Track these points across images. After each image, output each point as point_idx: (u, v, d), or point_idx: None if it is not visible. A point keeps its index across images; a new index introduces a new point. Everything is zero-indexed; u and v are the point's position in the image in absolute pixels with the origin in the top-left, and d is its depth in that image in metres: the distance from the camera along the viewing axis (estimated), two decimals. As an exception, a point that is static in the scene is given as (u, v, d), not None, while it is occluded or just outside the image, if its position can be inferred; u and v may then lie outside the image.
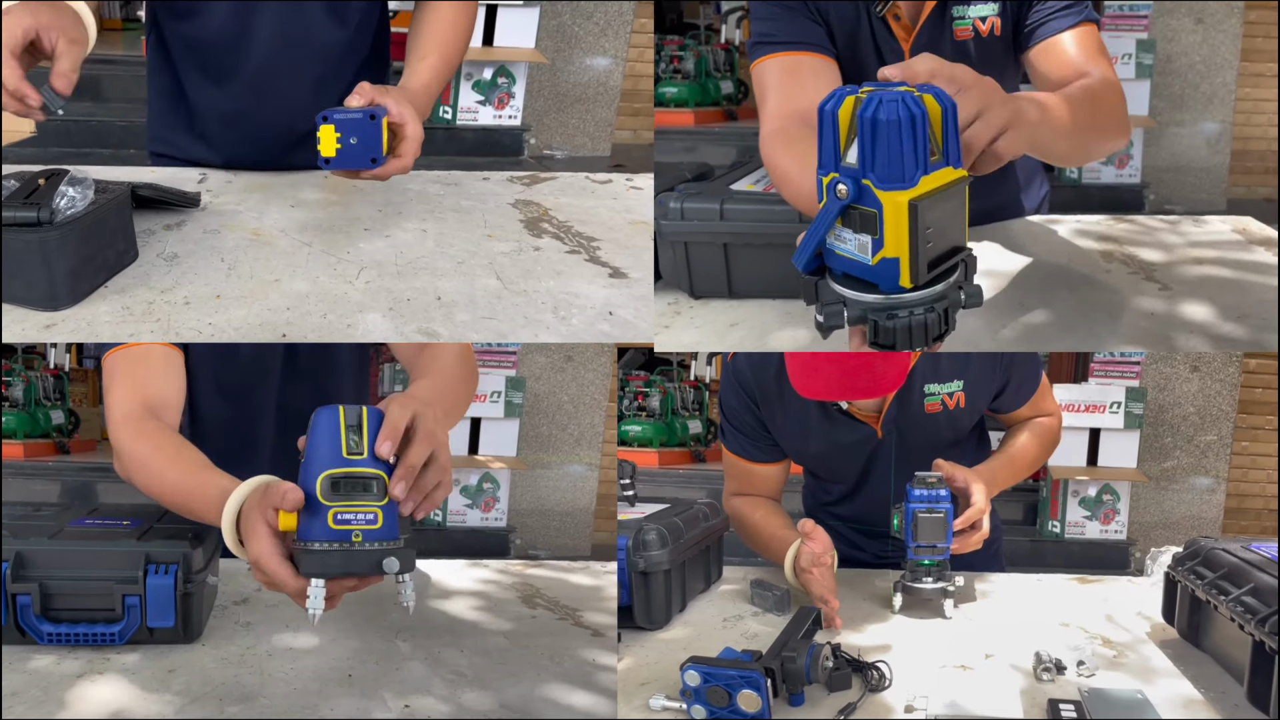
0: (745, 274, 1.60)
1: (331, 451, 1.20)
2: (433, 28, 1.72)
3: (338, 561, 1.19)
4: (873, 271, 1.01)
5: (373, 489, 1.19)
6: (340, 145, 1.46)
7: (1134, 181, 4.20)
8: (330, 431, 1.20)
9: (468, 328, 1.41)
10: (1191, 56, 4.07)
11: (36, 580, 1.41)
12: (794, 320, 1.55)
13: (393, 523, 1.20)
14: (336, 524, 1.18)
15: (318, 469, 1.20)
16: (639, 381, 4.61)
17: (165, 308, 1.40)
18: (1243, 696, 1.32)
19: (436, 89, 1.67)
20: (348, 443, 1.20)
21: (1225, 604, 1.36)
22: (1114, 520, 4.22)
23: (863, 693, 1.34)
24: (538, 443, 4.45)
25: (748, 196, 1.61)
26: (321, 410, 1.22)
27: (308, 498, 1.19)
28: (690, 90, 4.47)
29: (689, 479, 4.48)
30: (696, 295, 1.64)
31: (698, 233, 1.59)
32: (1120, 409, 4.16)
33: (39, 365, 4.55)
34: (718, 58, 4.58)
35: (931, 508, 1.64)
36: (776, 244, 1.52)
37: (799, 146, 1.42)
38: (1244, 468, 4.21)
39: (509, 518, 4.42)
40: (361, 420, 1.21)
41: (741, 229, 1.58)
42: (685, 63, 4.49)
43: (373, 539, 1.19)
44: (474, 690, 1.34)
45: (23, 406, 4.47)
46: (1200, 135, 4.12)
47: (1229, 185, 4.12)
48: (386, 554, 1.19)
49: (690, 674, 1.28)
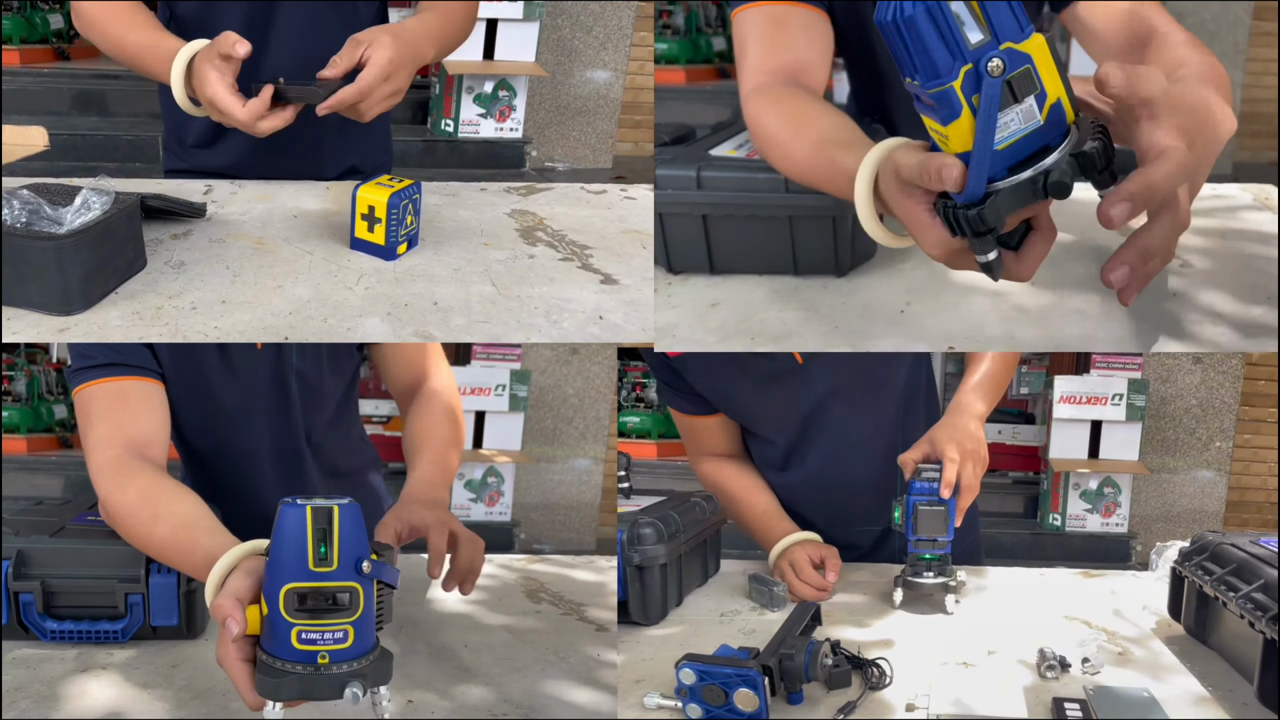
0: (727, 248, 1.49)
1: (296, 561, 1.06)
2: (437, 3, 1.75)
3: (294, 686, 1.07)
4: (1043, 131, 0.94)
5: (344, 604, 1.08)
6: None
7: None
8: (295, 536, 1.07)
9: (463, 331, 1.44)
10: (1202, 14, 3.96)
11: (38, 578, 1.42)
12: (781, 298, 1.48)
13: (366, 635, 1.10)
14: (301, 643, 1.07)
15: (280, 580, 1.07)
16: (637, 373, 4.61)
17: (173, 312, 1.42)
18: (1252, 695, 1.31)
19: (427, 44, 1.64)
20: (315, 552, 1.07)
21: (1234, 600, 1.34)
22: (1115, 513, 4.22)
23: (863, 691, 1.32)
24: (542, 436, 4.46)
25: (728, 163, 1.48)
26: (286, 508, 1.08)
27: (270, 609, 1.08)
28: (681, 47, 4.37)
29: (687, 471, 4.48)
30: (674, 270, 1.55)
31: (673, 202, 1.47)
32: (1122, 401, 4.16)
33: (41, 359, 4.56)
34: (709, 12, 4.50)
35: (932, 500, 1.63)
36: (760, 215, 1.43)
37: (787, 104, 1.32)
38: (1246, 460, 4.20)
39: (513, 512, 4.43)
40: (332, 522, 1.07)
41: (721, 199, 1.45)
42: (676, 18, 4.39)
43: (341, 659, 1.08)
44: (477, 686, 1.35)
45: (25, 401, 4.48)
46: None
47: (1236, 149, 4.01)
48: (354, 676, 1.08)
49: (685, 672, 1.25)
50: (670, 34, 4.38)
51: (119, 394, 1.51)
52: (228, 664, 1.11)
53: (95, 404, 1.50)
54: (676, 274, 1.56)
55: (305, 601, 1.07)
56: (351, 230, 1.56)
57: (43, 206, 1.39)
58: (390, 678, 1.13)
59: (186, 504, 1.36)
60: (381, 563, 1.10)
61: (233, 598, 1.10)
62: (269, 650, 1.10)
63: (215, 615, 1.11)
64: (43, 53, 4.34)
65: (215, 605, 1.11)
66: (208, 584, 1.17)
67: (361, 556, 1.08)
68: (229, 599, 1.10)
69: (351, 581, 1.08)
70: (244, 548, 1.19)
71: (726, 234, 1.47)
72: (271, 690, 1.08)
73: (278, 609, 1.07)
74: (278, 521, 1.08)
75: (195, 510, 1.34)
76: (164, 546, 1.34)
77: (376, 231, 1.54)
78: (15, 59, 4.24)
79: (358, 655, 1.10)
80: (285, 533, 1.07)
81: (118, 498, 1.40)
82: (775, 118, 1.33)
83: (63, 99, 4.28)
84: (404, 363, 1.74)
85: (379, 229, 1.53)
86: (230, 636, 1.09)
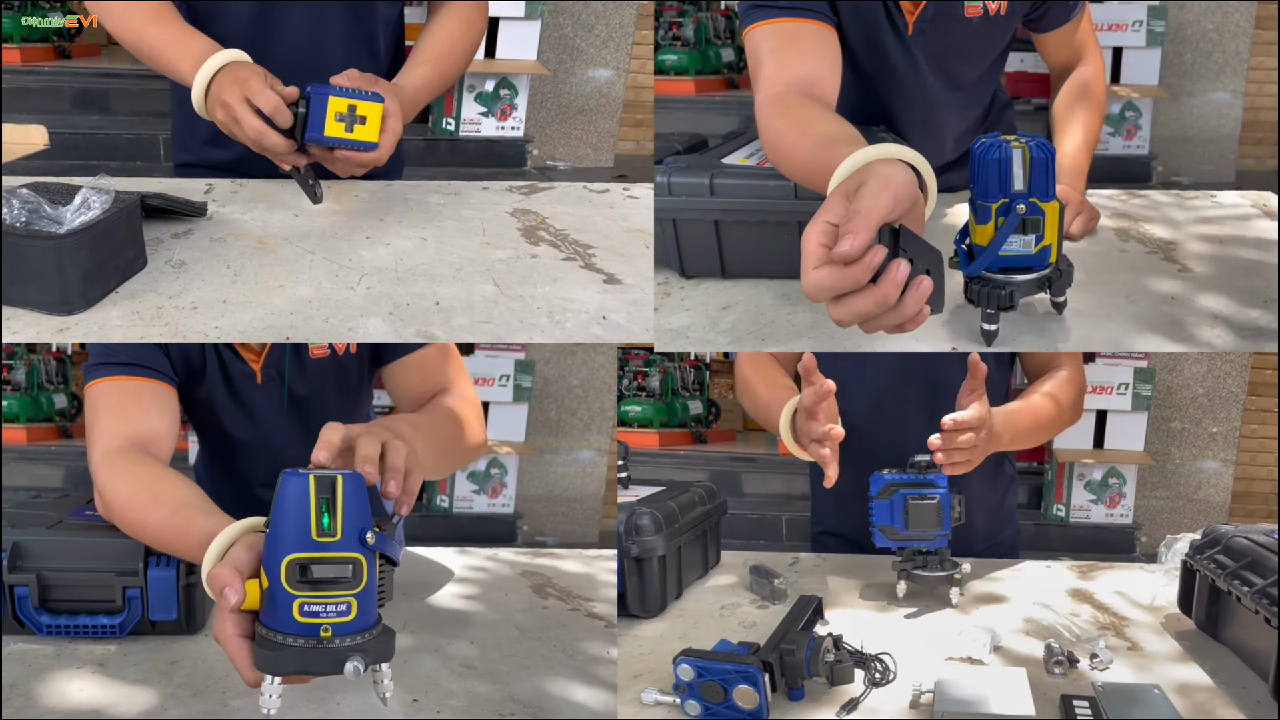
0: (738, 253, 1.55)
1: (298, 530, 1.04)
2: (434, 40, 1.78)
3: (294, 660, 1.05)
4: (1033, 258, 1.35)
5: (348, 575, 1.05)
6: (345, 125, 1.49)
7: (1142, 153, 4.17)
8: (298, 505, 1.04)
9: (465, 331, 1.44)
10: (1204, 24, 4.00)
11: (34, 571, 1.41)
12: (790, 302, 1.54)
13: (369, 609, 1.08)
14: (303, 616, 1.05)
15: (282, 550, 1.04)
16: (639, 361, 4.61)
17: (174, 312, 1.42)
18: (1266, 692, 1.30)
19: (424, 97, 1.70)
20: (318, 522, 1.04)
21: (1248, 595, 1.32)
22: (1120, 504, 4.21)
23: (866, 687, 1.29)
24: (546, 428, 4.45)
25: (740, 171, 1.55)
26: (288, 476, 1.06)
27: (271, 582, 1.05)
28: (690, 58, 4.39)
29: (689, 460, 4.47)
30: (687, 275, 1.60)
31: (687, 209, 1.54)
32: (1128, 390, 4.15)
33: (41, 349, 4.55)
34: (718, 24, 4.53)
35: (924, 494, 1.59)
36: (770, 221, 1.50)
37: (797, 112, 1.41)
38: (1252, 450, 4.19)
39: (517, 504, 4.43)
40: (335, 491, 1.05)
41: (733, 205, 1.52)
42: (685, 29, 4.41)
43: (343, 632, 1.06)
44: (484, 683, 1.34)
45: (25, 390, 4.48)
46: (1210, 105, 4.05)
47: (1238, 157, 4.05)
48: (357, 650, 1.06)
49: (684, 668, 1.23)
50: (680, 45, 4.42)
51: (133, 392, 1.51)
52: (225, 639, 1.08)
53: (107, 399, 1.50)
54: (689, 278, 1.60)
55: (307, 573, 1.04)
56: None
57: (42, 205, 1.39)
58: (392, 655, 1.10)
59: (184, 488, 1.36)
60: (384, 535, 1.09)
61: (231, 567, 1.08)
62: (268, 624, 1.07)
63: (212, 585, 1.08)
64: (43, 51, 4.33)
65: (213, 574, 1.09)
66: (205, 558, 1.14)
67: (365, 527, 1.06)
68: (227, 568, 1.08)
69: (355, 552, 1.05)
70: (243, 524, 1.17)
71: (738, 239, 1.53)
72: (270, 664, 1.06)
73: (279, 580, 1.04)
74: (279, 491, 1.05)
75: (193, 494, 1.34)
76: (161, 530, 1.33)
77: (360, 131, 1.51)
78: (15, 57, 4.23)
79: (360, 629, 1.07)
80: (287, 502, 1.04)
81: (115, 483, 1.41)
82: (784, 122, 1.41)
83: (63, 97, 4.27)
84: (423, 375, 1.68)
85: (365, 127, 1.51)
86: (228, 605, 1.06)
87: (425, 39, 1.79)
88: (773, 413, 1.70)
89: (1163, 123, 4.11)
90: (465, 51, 1.82)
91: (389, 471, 1.17)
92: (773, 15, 1.53)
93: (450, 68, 1.78)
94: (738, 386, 1.94)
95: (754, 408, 1.88)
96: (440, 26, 1.81)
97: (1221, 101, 4.04)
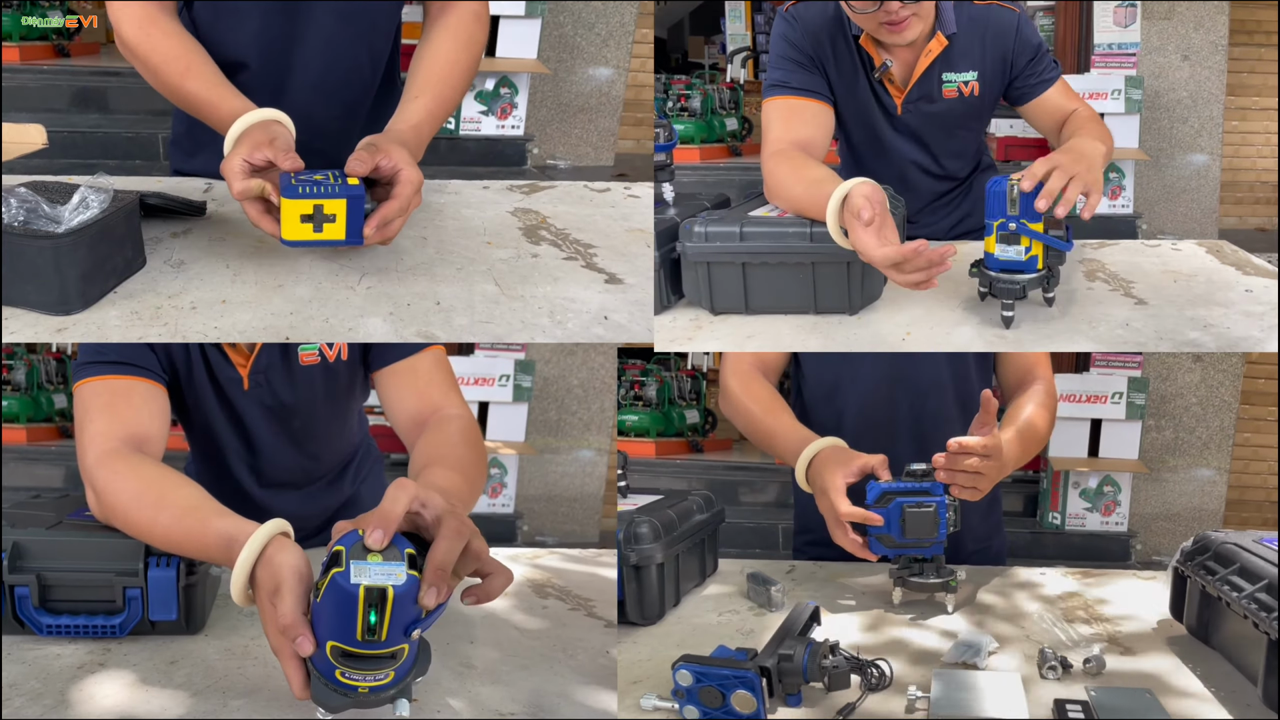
0: (761, 290, 1.75)
1: (344, 626, 1.08)
2: (431, 66, 1.70)
3: (339, 703, 1.13)
4: (1025, 264, 1.64)
5: (386, 662, 1.11)
6: (312, 225, 1.41)
7: (1127, 212, 4.26)
8: (344, 610, 1.07)
9: (466, 331, 1.44)
10: (1179, 92, 4.20)
11: (34, 571, 1.40)
12: (804, 330, 1.71)
13: (406, 669, 1.13)
14: (344, 678, 1.11)
15: (326, 633, 1.09)
16: (635, 370, 4.61)
17: (173, 312, 1.41)
18: (1255, 696, 1.31)
19: (427, 131, 1.62)
20: (364, 625, 1.07)
21: (1238, 601, 1.34)
22: (1115, 512, 4.22)
23: (862, 692, 1.31)
24: (546, 427, 4.45)
25: (764, 221, 1.75)
26: (339, 579, 1.07)
27: (316, 647, 1.11)
28: (697, 127, 4.61)
29: (686, 469, 4.48)
30: (716, 311, 1.77)
31: (719, 253, 1.73)
32: (1122, 399, 4.16)
33: (41, 349, 4.55)
34: (723, 96, 4.72)
35: (921, 502, 1.61)
36: (789, 263, 1.72)
37: (793, 161, 1.81)
38: (1245, 459, 4.20)
39: (516, 504, 4.42)
40: (386, 601, 1.06)
41: (758, 249, 1.72)
42: (692, 100, 4.65)
43: (380, 691, 1.13)
44: (483, 683, 1.34)
45: (25, 391, 4.47)
46: (1190, 167, 4.24)
47: (1220, 216, 4.23)
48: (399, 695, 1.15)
49: (682, 673, 1.25)
50: (687, 116, 4.64)
51: (124, 391, 1.50)
52: (283, 659, 1.14)
53: (97, 399, 1.49)
54: (718, 314, 1.77)
55: (350, 658, 1.09)
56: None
57: (40, 205, 1.38)
58: (428, 668, 1.17)
59: (189, 489, 1.37)
60: (429, 620, 1.11)
61: (297, 612, 1.12)
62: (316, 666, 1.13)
63: (283, 625, 1.11)
64: (42, 49, 4.33)
65: (286, 626, 1.12)
66: (240, 561, 1.18)
67: (413, 624, 1.10)
68: (294, 614, 1.11)
69: (398, 646, 1.10)
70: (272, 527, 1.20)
71: (761, 279, 1.74)
72: (323, 699, 1.13)
73: (323, 651, 1.10)
74: (328, 590, 1.08)
75: (199, 494, 1.35)
76: (170, 531, 1.33)
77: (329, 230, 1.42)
78: (15, 56, 4.23)
79: (399, 682, 1.14)
80: (335, 602, 1.08)
81: (117, 486, 1.40)
82: (784, 168, 1.81)
83: (62, 96, 4.27)
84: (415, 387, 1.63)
85: (334, 225, 1.42)
86: (301, 653, 1.11)
87: (422, 64, 1.70)
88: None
89: (1145, 184, 4.24)
90: (464, 74, 1.73)
91: (450, 578, 1.16)
92: (785, 93, 1.95)
93: (450, 94, 1.69)
94: (724, 401, 1.98)
95: (746, 423, 1.94)
96: (437, 49, 1.72)
97: (1200, 163, 4.21)
